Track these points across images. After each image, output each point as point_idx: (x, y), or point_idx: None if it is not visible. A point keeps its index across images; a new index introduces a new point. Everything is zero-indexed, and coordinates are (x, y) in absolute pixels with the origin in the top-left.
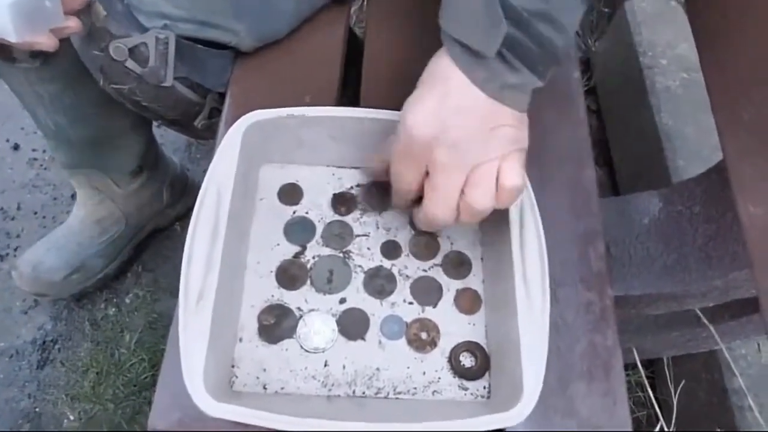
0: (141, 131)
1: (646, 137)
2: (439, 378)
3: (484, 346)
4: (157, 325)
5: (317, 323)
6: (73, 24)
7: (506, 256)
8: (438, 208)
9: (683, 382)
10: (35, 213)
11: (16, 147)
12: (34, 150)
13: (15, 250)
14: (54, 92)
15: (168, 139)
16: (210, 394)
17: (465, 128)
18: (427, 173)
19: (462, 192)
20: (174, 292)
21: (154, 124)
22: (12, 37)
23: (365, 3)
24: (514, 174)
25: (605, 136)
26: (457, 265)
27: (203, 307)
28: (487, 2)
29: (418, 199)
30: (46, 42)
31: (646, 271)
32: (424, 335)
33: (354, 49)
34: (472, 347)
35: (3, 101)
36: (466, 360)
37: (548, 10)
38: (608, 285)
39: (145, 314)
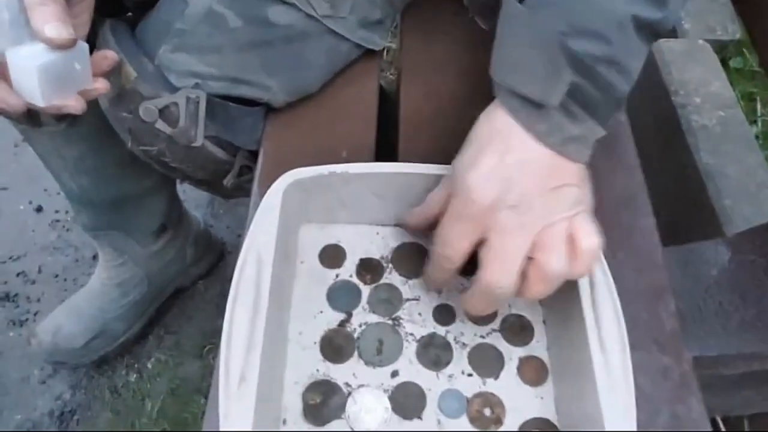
0: (164, 190)
1: (686, 178)
2: None
3: (556, 423)
4: (180, 392)
5: (368, 400)
6: (101, 86)
7: (575, 318)
8: (502, 275)
9: None
10: (56, 276)
11: (39, 209)
12: (56, 211)
13: (35, 315)
14: (78, 154)
15: (190, 195)
16: None
17: (528, 187)
18: (480, 241)
19: (531, 259)
20: (198, 354)
21: (177, 181)
22: (40, 102)
23: (386, 53)
24: (588, 233)
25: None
26: (519, 331)
27: (246, 391)
28: (547, 49)
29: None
30: (74, 105)
31: (721, 328)
32: (487, 412)
33: (382, 100)
34: (542, 425)
35: (27, 163)
36: None
37: (612, 54)
38: (684, 347)
39: (168, 380)
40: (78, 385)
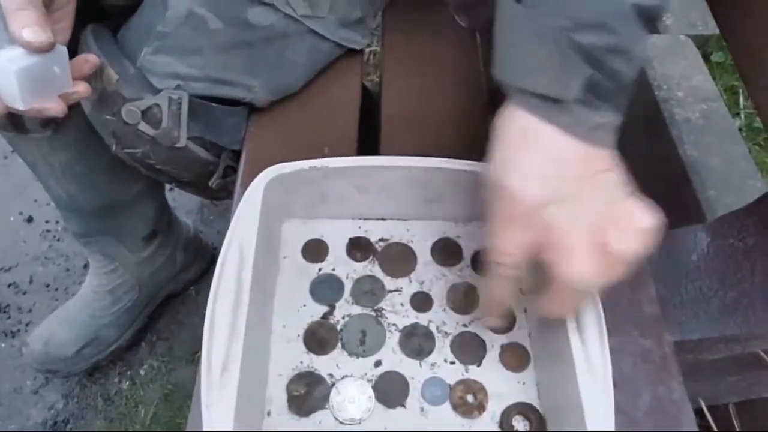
0: (153, 196)
1: (671, 171)
2: None
3: (538, 408)
4: (173, 398)
5: (352, 391)
6: (82, 89)
7: None
8: (580, 269)
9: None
10: (47, 286)
11: (29, 219)
12: (47, 222)
13: (27, 325)
14: (65, 161)
15: (180, 202)
16: None
17: (570, 179)
18: (538, 245)
19: (604, 244)
20: (190, 360)
21: (166, 187)
22: (20, 105)
23: (372, 56)
24: (645, 214)
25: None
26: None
27: (228, 381)
28: (555, 46)
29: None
30: (55, 108)
31: (702, 312)
32: (470, 398)
33: (367, 102)
34: (524, 409)
35: (17, 174)
36: (519, 424)
37: (619, 43)
38: (665, 330)
39: (161, 386)
40: (71, 394)
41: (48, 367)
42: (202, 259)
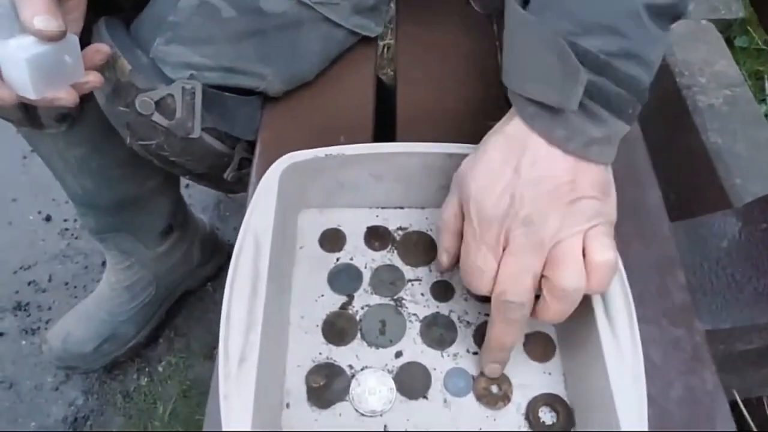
0: (169, 191)
1: (694, 159)
2: None
3: (565, 399)
4: (192, 394)
5: (372, 382)
6: (94, 79)
7: None
8: (513, 296)
9: None
10: (66, 284)
11: (48, 218)
12: (65, 220)
13: (46, 323)
14: (81, 156)
15: (196, 198)
16: None
17: (542, 203)
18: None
19: (543, 277)
20: (208, 356)
21: (182, 184)
22: (31, 94)
23: (387, 50)
24: (602, 246)
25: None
26: None
27: (246, 371)
28: (557, 52)
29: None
30: (66, 98)
31: (734, 300)
32: (494, 389)
33: (380, 93)
34: (551, 400)
35: (35, 174)
36: (546, 416)
37: (628, 47)
38: (696, 318)
39: (179, 382)
40: (90, 390)
41: (67, 363)
42: (219, 255)
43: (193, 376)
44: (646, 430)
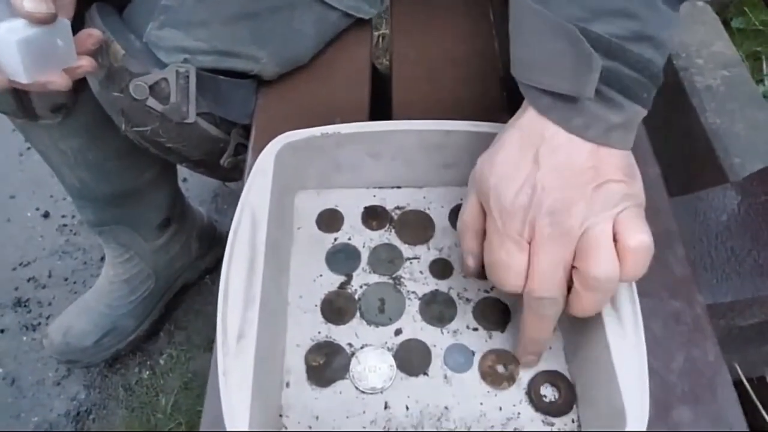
0: (166, 183)
1: (693, 140)
2: (519, 413)
3: (566, 374)
4: (193, 386)
5: (372, 360)
6: (86, 63)
7: None
8: (543, 290)
9: None
10: (66, 279)
11: (46, 215)
12: (63, 216)
13: (47, 318)
14: (77, 148)
15: (194, 192)
16: None
17: (564, 189)
18: None
19: (574, 268)
20: (208, 348)
21: (179, 176)
22: (23, 78)
23: (381, 40)
24: (634, 229)
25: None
26: None
27: (245, 347)
28: (569, 40)
29: None
30: (59, 82)
31: (734, 273)
32: (500, 368)
33: (375, 82)
34: (553, 378)
35: (32, 170)
36: (548, 391)
37: (642, 29)
38: (696, 291)
39: (180, 375)
40: (92, 384)
41: (68, 357)
42: (217, 247)
43: (194, 369)
44: (648, 403)
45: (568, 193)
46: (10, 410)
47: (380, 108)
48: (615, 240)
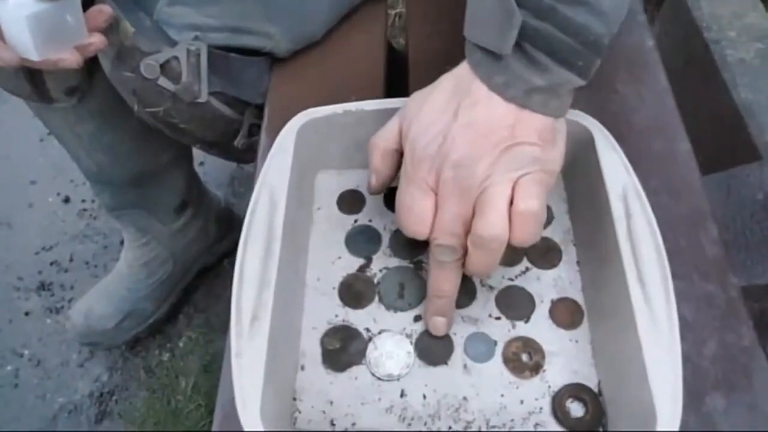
0: (182, 166)
1: (724, 115)
2: (541, 408)
3: (594, 389)
4: (212, 368)
5: (389, 345)
6: (97, 40)
7: (611, 254)
8: (443, 239)
9: None
10: (87, 263)
11: (66, 200)
12: (83, 201)
13: (69, 301)
14: (92, 131)
15: (211, 176)
16: None
17: (474, 147)
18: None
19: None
20: (226, 331)
21: (196, 161)
22: (33, 55)
23: (398, 18)
24: (528, 195)
25: None
26: (545, 252)
27: (259, 329)
28: None
29: None
30: (70, 59)
31: None
32: (524, 357)
33: (391, 61)
34: (578, 391)
35: (53, 156)
36: (574, 408)
37: None
38: (730, 272)
39: (200, 357)
40: (114, 366)
41: (90, 339)
42: (235, 231)
43: (213, 351)
44: (681, 403)
45: (475, 149)
46: (35, 391)
47: (396, 88)
48: (511, 202)
